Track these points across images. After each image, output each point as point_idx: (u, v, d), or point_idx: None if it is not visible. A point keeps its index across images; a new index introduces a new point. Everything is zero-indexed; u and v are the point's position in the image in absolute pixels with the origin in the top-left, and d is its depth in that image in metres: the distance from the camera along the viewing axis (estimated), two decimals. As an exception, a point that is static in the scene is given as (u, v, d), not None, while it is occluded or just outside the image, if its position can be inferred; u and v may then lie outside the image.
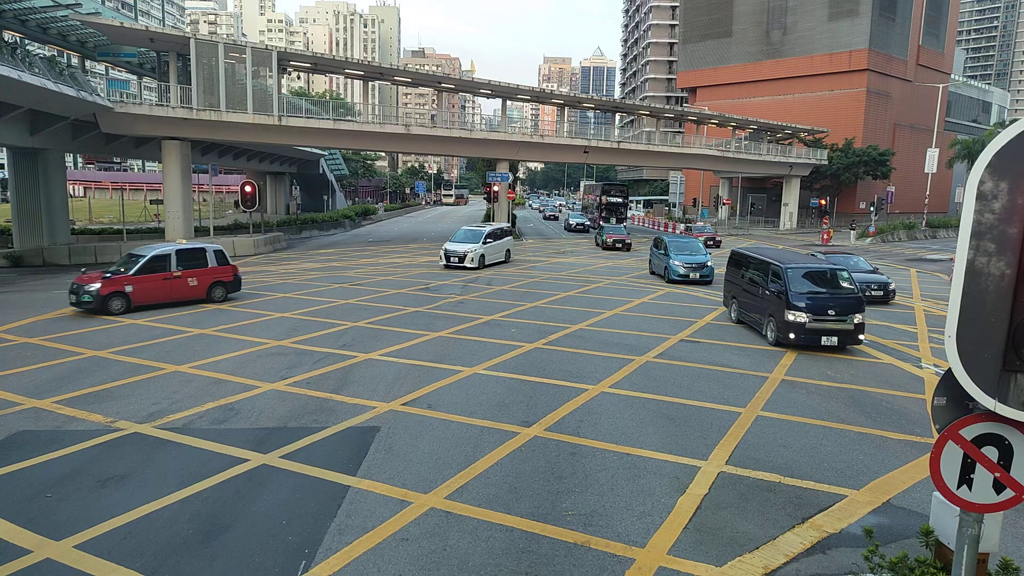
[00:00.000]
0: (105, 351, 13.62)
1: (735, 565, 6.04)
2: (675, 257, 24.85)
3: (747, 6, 75.98)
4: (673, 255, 24.98)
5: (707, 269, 24.54)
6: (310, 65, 38.57)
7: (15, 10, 28.44)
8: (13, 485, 7.50)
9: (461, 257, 28.15)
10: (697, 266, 24.54)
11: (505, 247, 30.90)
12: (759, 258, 16.34)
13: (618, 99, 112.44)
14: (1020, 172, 3.28)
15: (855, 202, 66.85)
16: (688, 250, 25.63)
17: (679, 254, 25.11)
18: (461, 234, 29.85)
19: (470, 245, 28.56)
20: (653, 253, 27.34)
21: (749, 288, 16.56)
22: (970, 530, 3.91)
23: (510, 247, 31.52)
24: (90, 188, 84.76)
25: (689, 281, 24.32)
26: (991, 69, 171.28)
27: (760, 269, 15.99)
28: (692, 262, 24.62)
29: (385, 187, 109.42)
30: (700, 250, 25.86)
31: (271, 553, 6.14)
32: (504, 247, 30.79)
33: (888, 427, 9.75)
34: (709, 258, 25.31)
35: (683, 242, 26.64)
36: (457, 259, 28.15)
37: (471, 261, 27.99)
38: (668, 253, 25.24)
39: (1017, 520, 6.95)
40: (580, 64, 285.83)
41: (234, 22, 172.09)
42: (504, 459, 8.30)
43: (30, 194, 31.76)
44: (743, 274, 17.08)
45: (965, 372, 3.46)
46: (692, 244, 26.37)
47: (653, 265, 27.19)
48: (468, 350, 13.99)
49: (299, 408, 10.19)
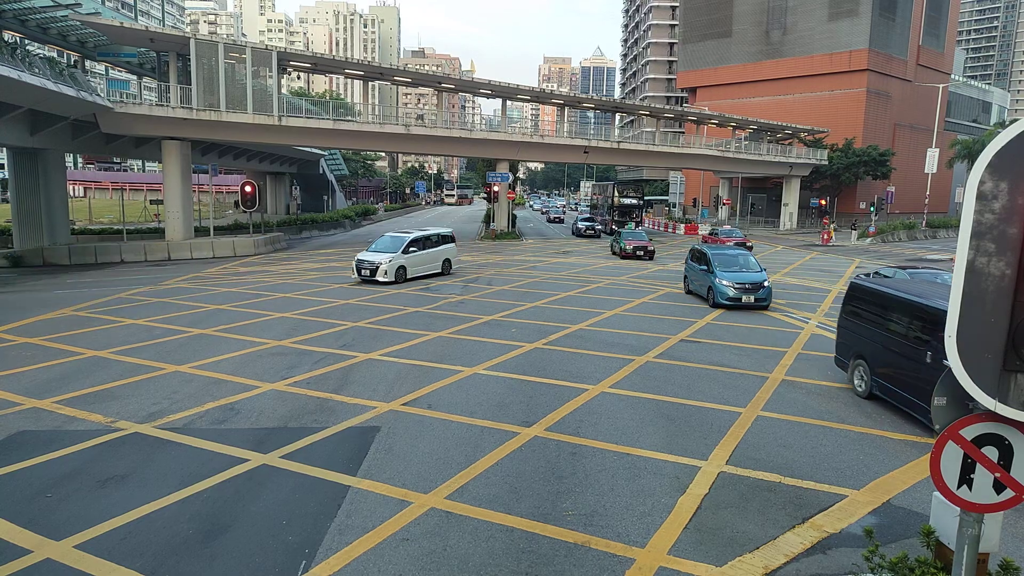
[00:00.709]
0: (105, 351, 13.62)
1: (735, 565, 6.04)
2: (722, 274, 19.98)
3: (747, 6, 75.97)
4: (719, 272, 20.08)
5: (764, 291, 19.59)
6: (310, 65, 38.59)
7: (15, 10, 28.45)
8: (13, 485, 7.50)
9: (373, 269, 23.34)
10: (751, 286, 19.54)
11: (442, 256, 26.15)
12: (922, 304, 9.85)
13: (618, 99, 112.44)
14: (1020, 172, 3.29)
15: (855, 202, 66.84)
16: (737, 265, 20.66)
17: (726, 270, 20.21)
18: (383, 241, 25.11)
19: (386, 255, 23.81)
20: (691, 268, 22.40)
21: (899, 346, 10.24)
22: (970, 530, 3.91)
23: (451, 256, 26.71)
24: (90, 188, 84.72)
25: (742, 306, 19.45)
26: (991, 69, 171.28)
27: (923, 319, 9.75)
28: (744, 281, 19.63)
29: (385, 187, 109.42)
30: (752, 265, 20.86)
31: (271, 553, 6.14)
32: (440, 256, 26.05)
33: (888, 427, 9.74)
34: (766, 276, 20.35)
35: (730, 255, 21.36)
36: (368, 271, 23.40)
37: (385, 275, 23.22)
38: (712, 269, 20.32)
39: (1017, 520, 6.94)
40: (580, 64, 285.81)
41: (234, 22, 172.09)
42: (504, 459, 8.30)
43: (30, 194, 31.76)
44: (883, 321, 10.81)
45: (965, 372, 3.47)
46: (742, 258, 21.27)
47: (691, 283, 22.31)
48: (468, 350, 13.99)
49: (299, 408, 10.19)
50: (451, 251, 26.84)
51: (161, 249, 32.76)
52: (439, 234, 26.63)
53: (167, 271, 27.88)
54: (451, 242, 27.05)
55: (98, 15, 30.83)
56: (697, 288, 21.64)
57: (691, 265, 22.56)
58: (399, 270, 23.74)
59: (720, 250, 22.08)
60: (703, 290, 20.95)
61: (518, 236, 48.40)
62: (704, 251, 21.72)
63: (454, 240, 27.19)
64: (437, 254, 25.93)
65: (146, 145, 38.53)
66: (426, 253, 25.24)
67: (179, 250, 33.23)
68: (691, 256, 22.84)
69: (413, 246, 24.61)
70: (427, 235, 25.85)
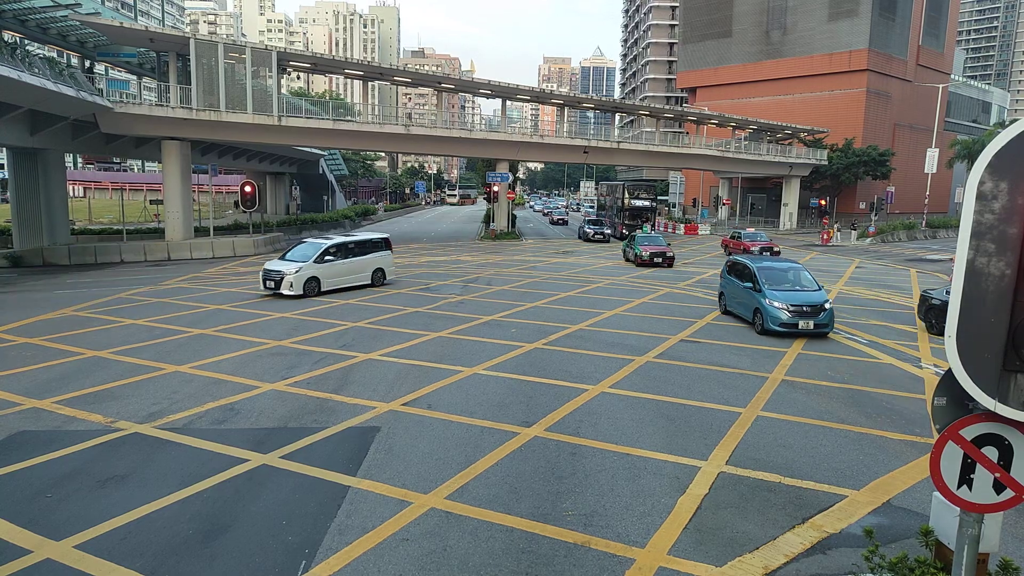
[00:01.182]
0: (105, 351, 13.62)
1: (735, 565, 6.04)
2: (772, 294, 16.16)
3: (747, 6, 76.00)
4: (769, 290, 16.30)
5: (825, 314, 15.77)
6: (310, 65, 38.60)
7: (15, 10, 28.46)
8: (13, 485, 7.50)
9: (278, 281, 20.22)
10: (810, 309, 15.69)
11: (372, 265, 22.78)
12: None
13: (618, 99, 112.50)
14: (1020, 172, 3.28)
15: (855, 202, 66.87)
16: (788, 282, 16.86)
17: (777, 288, 16.43)
18: (299, 249, 21.76)
19: (294, 264, 20.63)
20: (729, 284, 18.60)
21: None
22: (970, 530, 3.91)
23: (384, 265, 23.29)
24: (90, 188, 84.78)
25: (798, 333, 15.71)
26: (991, 69, 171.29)
27: None
28: (801, 302, 15.83)
29: (385, 187, 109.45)
30: (807, 282, 17.02)
31: (271, 553, 6.14)
32: (369, 265, 22.70)
33: (888, 427, 9.74)
34: (826, 295, 16.57)
35: (780, 269, 17.44)
36: (274, 283, 20.27)
37: (290, 287, 20.07)
38: (759, 287, 16.55)
39: (1017, 520, 6.94)
40: (580, 64, 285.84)
41: (234, 22, 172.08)
42: (504, 459, 8.30)
43: (30, 194, 31.77)
44: None
45: (965, 372, 3.47)
46: (794, 272, 17.33)
47: (730, 301, 18.50)
48: (468, 350, 13.99)
49: (299, 408, 10.19)
50: (384, 259, 23.42)
51: (161, 249, 32.76)
52: (369, 240, 23.30)
53: (167, 271, 27.88)
54: (385, 249, 23.53)
55: (98, 15, 30.84)
56: (738, 308, 17.80)
57: (730, 281, 18.52)
58: (309, 282, 20.51)
59: (767, 263, 18.01)
60: (747, 311, 17.14)
61: (518, 236, 48.42)
62: (747, 264, 17.73)
63: (389, 247, 23.71)
64: (364, 263, 22.60)
65: (146, 145, 38.53)
66: (348, 262, 22.00)
67: (179, 250, 33.23)
68: (729, 269, 18.91)
69: (331, 254, 21.38)
70: (351, 241, 22.70)
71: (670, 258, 30.88)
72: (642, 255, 30.70)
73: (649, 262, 30.52)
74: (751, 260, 18.29)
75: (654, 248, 30.95)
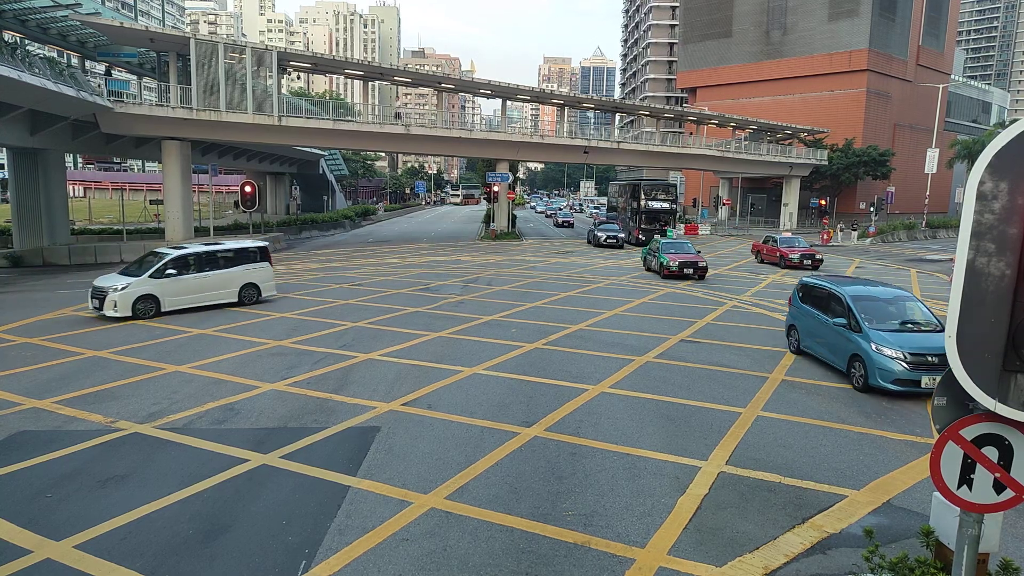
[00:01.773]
0: (105, 351, 13.62)
1: (735, 565, 6.04)
2: (878, 335, 11.43)
3: (747, 6, 76.01)
4: (872, 330, 11.61)
5: None
6: (310, 65, 38.60)
7: (15, 10, 28.46)
8: (13, 485, 7.50)
9: (103, 300, 16.82)
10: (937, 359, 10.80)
11: (239, 280, 18.90)
12: None
13: (618, 99, 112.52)
14: (1020, 172, 3.29)
15: (855, 202, 66.88)
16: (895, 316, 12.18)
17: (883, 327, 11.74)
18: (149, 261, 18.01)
19: (124, 280, 17.17)
20: (805, 316, 13.74)
21: None
22: (970, 530, 3.91)
23: (258, 280, 19.31)
24: (90, 188, 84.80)
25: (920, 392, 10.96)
26: (991, 69, 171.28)
27: None
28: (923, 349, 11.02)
29: (385, 187, 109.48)
30: (922, 316, 12.27)
31: (271, 553, 6.14)
32: (235, 280, 18.84)
33: (888, 427, 9.74)
34: None
35: (882, 299, 12.66)
36: (99, 302, 16.91)
37: (113, 307, 16.62)
38: (858, 324, 11.83)
39: (1017, 520, 6.94)
40: (580, 64, 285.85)
41: (234, 22, 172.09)
42: (504, 459, 8.30)
43: (30, 194, 31.78)
44: None
45: (965, 372, 3.47)
46: (901, 303, 12.58)
47: (803, 337, 13.76)
48: (468, 350, 13.99)
49: (299, 408, 10.19)
50: (259, 273, 19.34)
51: (161, 249, 32.70)
52: (237, 249, 19.27)
53: (167, 271, 27.83)
54: (259, 260, 19.42)
55: (98, 15, 30.84)
56: (820, 350, 13.19)
57: (805, 311, 13.80)
58: (142, 301, 16.95)
59: (862, 290, 12.90)
60: (834, 356, 12.54)
61: (518, 236, 48.43)
62: (833, 291, 13.03)
63: (267, 257, 19.63)
64: (228, 277, 18.72)
65: (146, 145, 38.53)
66: (204, 276, 18.18)
67: (179, 250, 33.15)
68: (802, 295, 14.20)
69: (177, 266, 17.66)
70: (211, 251, 18.70)
71: (702, 268, 26.09)
72: (670, 265, 25.96)
73: (679, 273, 25.92)
74: (836, 284, 13.34)
75: (683, 256, 26.31)
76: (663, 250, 27.28)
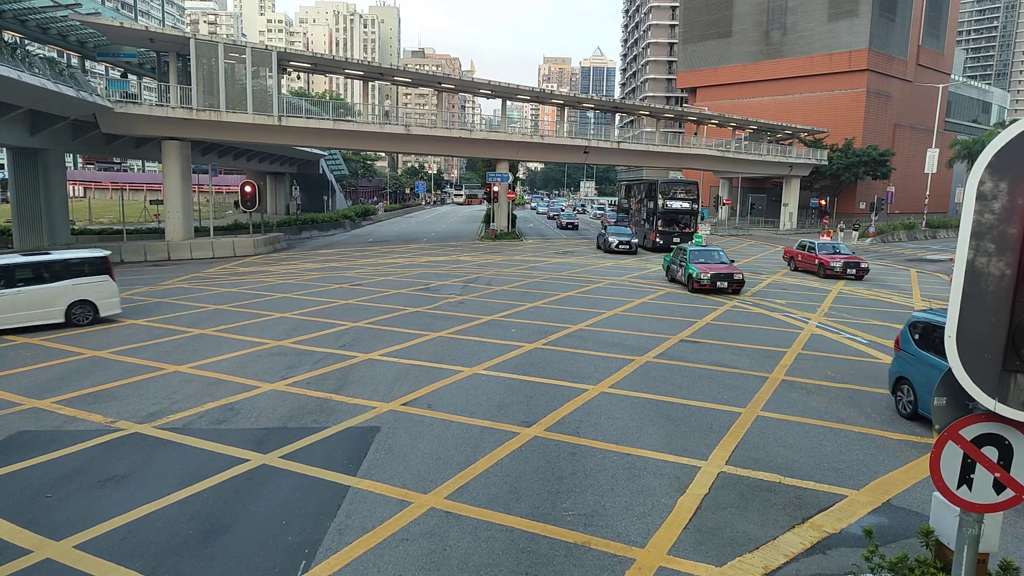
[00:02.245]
0: (105, 351, 13.62)
1: (735, 565, 6.04)
2: None
3: (747, 6, 76.03)
4: None
5: None
6: (310, 65, 38.61)
7: (15, 10, 28.47)
8: (13, 485, 7.50)
9: None
10: None
11: (67, 297, 15.84)
12: None
13: (618, 99, 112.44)
14: (1020, 172, 3.29)
15: (855, 202, 66.88)
16: None
17: None
18: None
19: None
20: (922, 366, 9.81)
21: None
22: (970, 530, 3.91)
23: (93, 297, 16.21)
24: (90, 188, 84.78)
25: None
26: (991, 69, 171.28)
27: None
28: None
29: (385, 187, 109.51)
30: None
31: (271, 553, 6.14)
32: (59, 297, 15.74)
33: (888, 427, 9.74)
34: None
35: None
36: None
37: None
38: None
39: (1017, 520, 6.94)
40: (580, 64, 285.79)
41: (234, 22, 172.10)
42: (504, 459, 8.30)
43: (30, 194, 31.79)
44: None
45: (965, 372, 3.47)
46: None
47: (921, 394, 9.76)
48: (468, 350, 13.99)
49: (299, 408, 10.19)
50: (96, 289, 16.28)
51: (161, 249, 32.76)
52: (65, 261, 16.09)
53: (167, 271, 27.88)
54: (96, 273, 16.35)
55: (98, 15, 30.85)
56: None
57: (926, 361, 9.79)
58: None
59: None
60: None
61: (518, 236, 48.44)
62: None
63: (107, 270, 16.56)
64: (52, 293, 15.65)
65: (146, 145, 38.55)
66: (17, 293, 15.08)
67: (179, 250, 33.23)
68: (921, 337, 10.23)
69: None
70: (29, 262, 15.58)
71: (738, 282, 22.37)
72: (700, 278, 22.17)
73: (711, 287, 22.22)
74: None
75: (716, 267, 22.77)
76: (692, 259, 23.69)
